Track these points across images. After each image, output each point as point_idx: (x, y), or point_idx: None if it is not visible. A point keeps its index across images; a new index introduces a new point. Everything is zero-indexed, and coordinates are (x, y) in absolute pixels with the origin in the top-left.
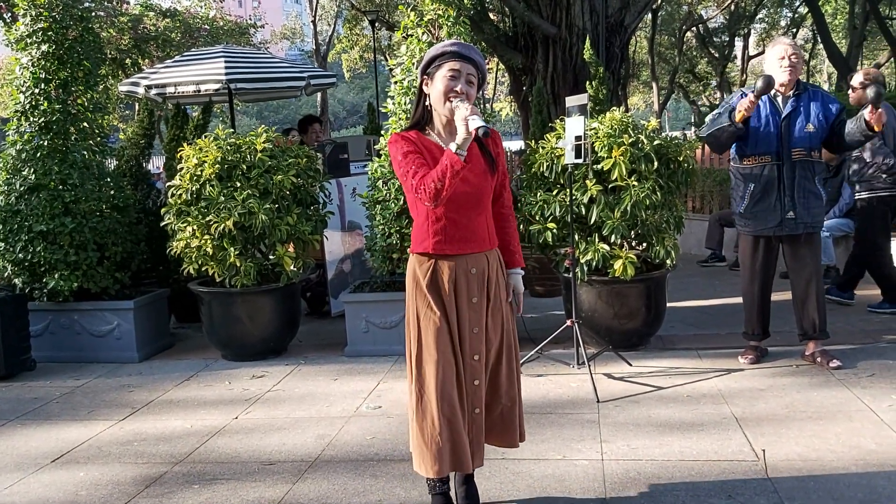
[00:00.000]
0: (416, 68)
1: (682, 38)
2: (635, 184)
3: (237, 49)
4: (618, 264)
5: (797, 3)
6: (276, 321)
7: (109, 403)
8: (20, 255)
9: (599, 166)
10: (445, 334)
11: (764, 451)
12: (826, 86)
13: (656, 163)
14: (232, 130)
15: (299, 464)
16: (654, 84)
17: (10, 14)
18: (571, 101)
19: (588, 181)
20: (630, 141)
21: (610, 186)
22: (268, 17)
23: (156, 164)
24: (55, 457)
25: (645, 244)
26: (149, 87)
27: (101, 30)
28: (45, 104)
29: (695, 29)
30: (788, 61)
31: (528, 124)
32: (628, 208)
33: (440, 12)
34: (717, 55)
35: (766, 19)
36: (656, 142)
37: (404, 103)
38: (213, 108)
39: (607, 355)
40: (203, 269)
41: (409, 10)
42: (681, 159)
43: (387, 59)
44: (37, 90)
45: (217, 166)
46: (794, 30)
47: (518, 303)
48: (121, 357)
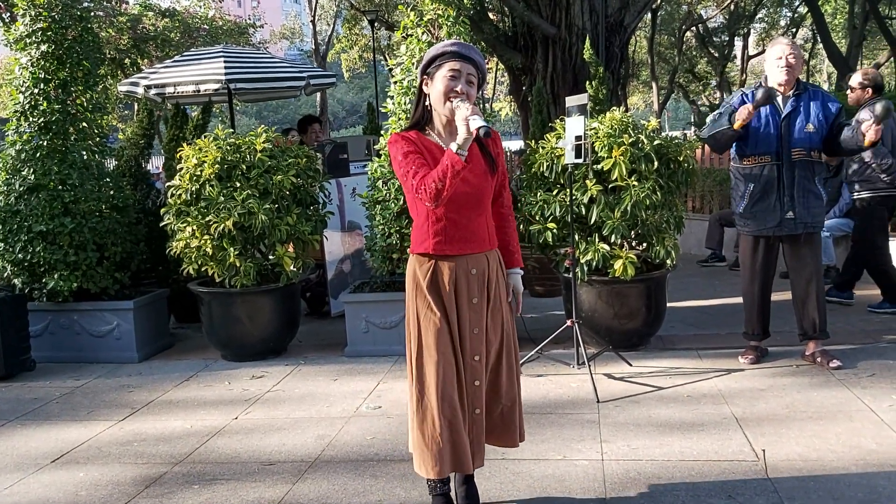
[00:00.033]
0: (416, 68)
1: (682, 37)
2: (635, 184)
3: (237, 49)
4: (618, 264)
5: (797, 3)
6: (276, 321)
7: (109, 404)
8: (20, 255)
9: (599, 166)
10: (446, 335)
11: (764, 451)
12: (826, 86)
13: (656, 163)
14: (231, 130)
15: (299, 464)
16: (653, 84)
17: (9, 14)
18: (571, 101)
19: (588, 181)
20: (630, 141)
21: (610, 186)
22: (267, 17)
23: (155, 164)
24: (55, 457)
25: (645, 244)
26: (148, 87)
27: (99, 30)
28: (45, 104)
29: (694, 29)
30: (785, 61)
31: (527, 124)
32: (628, 208)
33: (440, 12)
34: (716, 55)
35: (766, 19)
36: (656, 142)
37: (404, 103)
38: (213, 108)
39: (607, 355)
40: (203, 269)
41: (409, 9)
42: (681, 159)
43: (386, 59)
44: (36, 90)
45: (217, 166)
46: (794, 29)
47: (517, 303)
48: (120, 357)
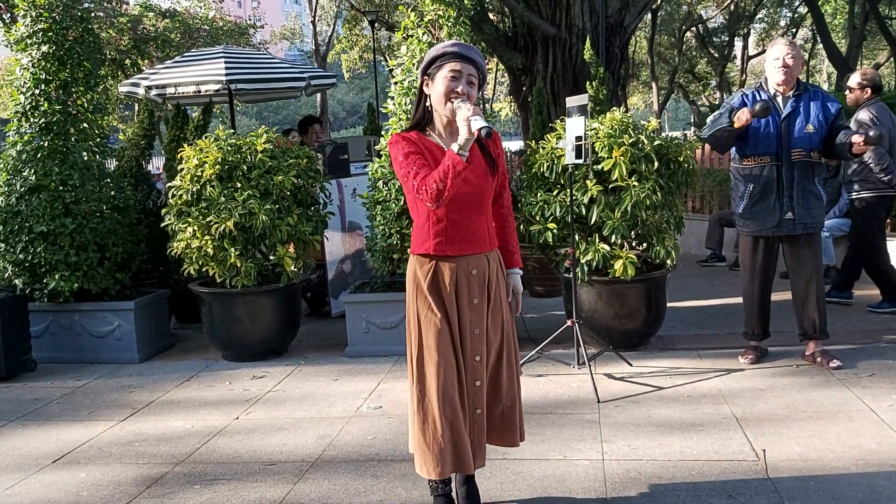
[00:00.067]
0: (417, 69)
1: (682, 38)
2: (635, 184)
3: (237, 49)
4: (618, 264)
5: (797, 3)
6: (277, 322)
7: (110, 404)
8: (21, 255)
9: (600, 166)
10: (446, 335)
11: (764, 450)
12: (826, 86)
13: (656, 163)
14: (232, 131)
15: (300, 464)
16: (653, 84)
17: (9, 15)
18: (571, 101)
19: (588, 181)
20: (630, 141)
21: (610, 187)
22: (267, 18)
23: (156, 164)
24: (56, 457)
25: (645, 244)
26: (149, 87)
27: (100, 30)
28: (46, 105)
29: (694, 29)
30: (783, 62)
31: (527, 125)
32: (628, 208)
33: (440, 13)
34: (716, 55)
35: (766, 19)
36: (656, 142)
37: (404, 104)
38: (213, 108)
39: (607, 355)
40: (203, 269)
41: (410, 10)
42: (681, 159)
43: (386, 60)
44: (37, 91)
45: (217, 167)
46: (794, 30)
47: (517, 303)
48: (121, 357)
